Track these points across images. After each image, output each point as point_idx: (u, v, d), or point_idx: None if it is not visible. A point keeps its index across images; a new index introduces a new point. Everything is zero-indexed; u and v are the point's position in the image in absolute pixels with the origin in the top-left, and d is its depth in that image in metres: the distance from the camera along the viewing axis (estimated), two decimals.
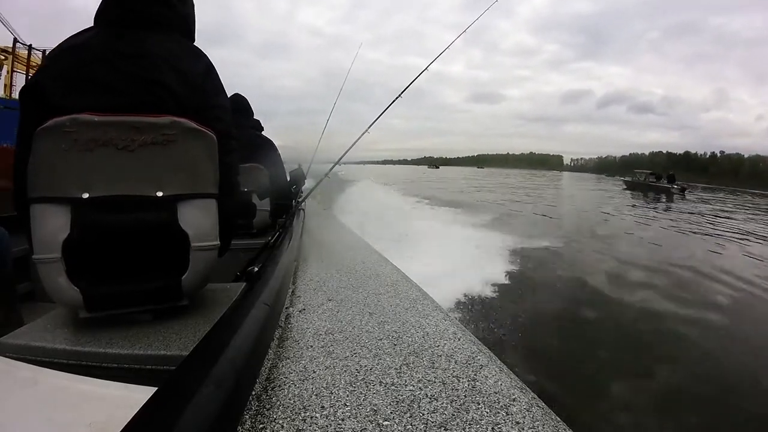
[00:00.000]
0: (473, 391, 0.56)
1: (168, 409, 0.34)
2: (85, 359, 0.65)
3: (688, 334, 3.68)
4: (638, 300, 4.56)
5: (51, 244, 0.68)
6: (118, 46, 0.75)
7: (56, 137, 0.68)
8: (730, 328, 3.93)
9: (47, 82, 0.72)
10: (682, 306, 4.42)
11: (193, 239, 0.76)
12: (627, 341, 3.48)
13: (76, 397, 0.44)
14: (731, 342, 3.61)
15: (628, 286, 5.09)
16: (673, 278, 5.56)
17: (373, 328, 0.78)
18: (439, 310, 0.91)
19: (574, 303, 4.28)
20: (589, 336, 3.56)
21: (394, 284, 1.10)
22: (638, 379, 2.90)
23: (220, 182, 0.82)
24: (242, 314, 0.59)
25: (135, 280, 0.73)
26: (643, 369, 3.03)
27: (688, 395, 2.73)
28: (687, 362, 3.19)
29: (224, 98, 0.88)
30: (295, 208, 2.19)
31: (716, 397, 2.68)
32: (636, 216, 12.93)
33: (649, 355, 3.25)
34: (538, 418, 0.51)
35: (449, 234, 6.99)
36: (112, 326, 0.73)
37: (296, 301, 0.93)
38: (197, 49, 0.86)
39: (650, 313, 4.16)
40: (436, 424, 0.48)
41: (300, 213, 2.30)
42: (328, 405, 0.51)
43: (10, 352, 0.65)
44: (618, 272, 5.71)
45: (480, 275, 4.49)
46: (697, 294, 4.99)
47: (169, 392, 0.37)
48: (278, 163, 2.24)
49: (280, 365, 0.62)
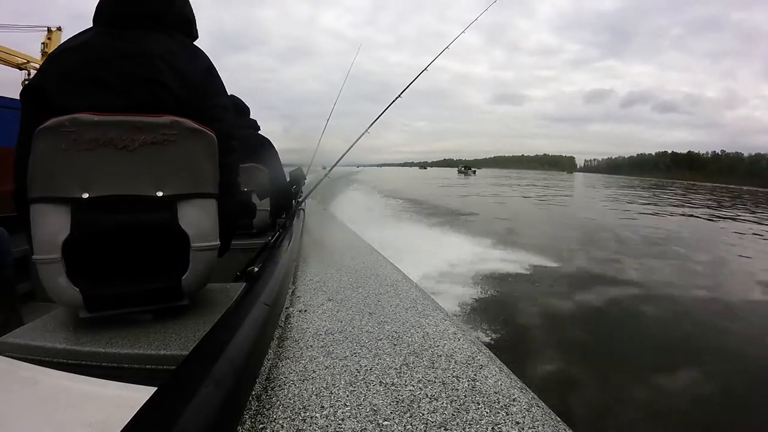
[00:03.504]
0: (473, 391, 0.56)
1: (168, 409, 0.34)
2: (85, 359, 0.65)
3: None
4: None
5: (51, 244, 0.68)
6: (118, 45, 0.75)
7: (56, 137, 0.68)
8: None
9: (48, 82, 0.72)
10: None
11: (193, 239, 0.76)
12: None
13: (76, 396, 0.44)
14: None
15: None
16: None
17: (373, 328, 0.78)
18: (439, 310, 0.91)
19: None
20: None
21: (394, 284, 1.10)
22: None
23: (220, 182, 0.82)
24: (242, 314, 0.60)
25: (135, 280, 0.73)
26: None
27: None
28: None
29: (225, 98, 0.87)
30: (295, 208, 2.20)
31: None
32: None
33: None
34: (538, 418, 0.51)
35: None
36: (112, 326, 0.73)
37: (296, 301, 0.93)
38: (197, 48, 0.86)
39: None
40: (436, 424, 0.48)
41: (300, 213, 2.30)
42: (328, 405, 0.51)
43: (10, 352, 0.65)
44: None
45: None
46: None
47: (169, 392, 0.37)
48: (277, 162, 2.24)
49: (280, 365, 0.62)
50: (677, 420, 2.64)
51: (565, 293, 4.91)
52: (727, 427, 2.59)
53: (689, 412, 2.70)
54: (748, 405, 2.80)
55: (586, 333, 3.85)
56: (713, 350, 3.55)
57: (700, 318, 4.37)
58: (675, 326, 4.10)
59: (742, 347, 3.65)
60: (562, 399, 2.63)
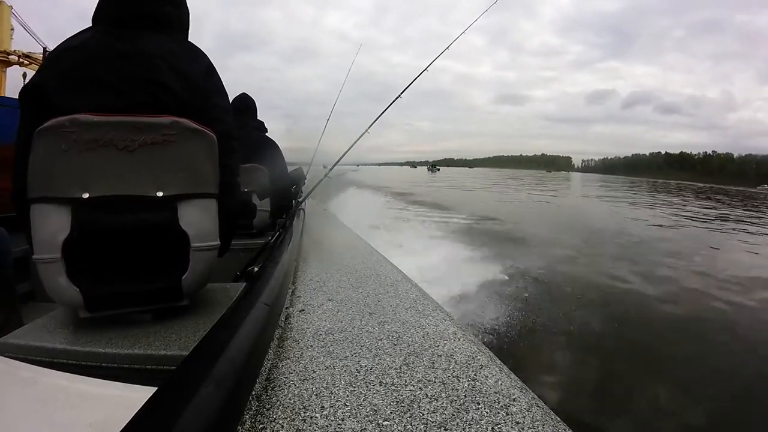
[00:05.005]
0: (473, 391, 0.56)
1: (168, 409, 0.34)
2: (85, 359, 0.65)
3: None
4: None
5: (51, 244, 0.68)
6: (117, 46, 0.75)
7: (56, 137, 0.68)
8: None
9: (47, 82, 0.72)
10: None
11: (194, 239, 0.76)
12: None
13: (76, 397, 0.44)
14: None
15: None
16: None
17: (373, 328, 0.78)
18: (439, 310, 0.91)
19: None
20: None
21: (394, 284, 1.10)
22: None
23: (221, 182, 0.82)
24: (242, 314, 0.59)
25: (135, 280, 0.73)
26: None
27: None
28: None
29: (225, 99, 0.87)
30: (295, 208, 2.20)
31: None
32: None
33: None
34: (538, 418, 0.51)
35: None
36: (112, 326, 0.73)
37: (296, 301, 0.93)
38: (197, 48, 0.86)
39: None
40: (436, 424, 0.48)
41: (300, 213, 2.30)
42: (328, 405, 0.51)
43: (10, 352, 0.65)
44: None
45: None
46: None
47: (169, 392, 0.37)
48: (280, 163, 2.24)
49: (280, 365, 0.62)
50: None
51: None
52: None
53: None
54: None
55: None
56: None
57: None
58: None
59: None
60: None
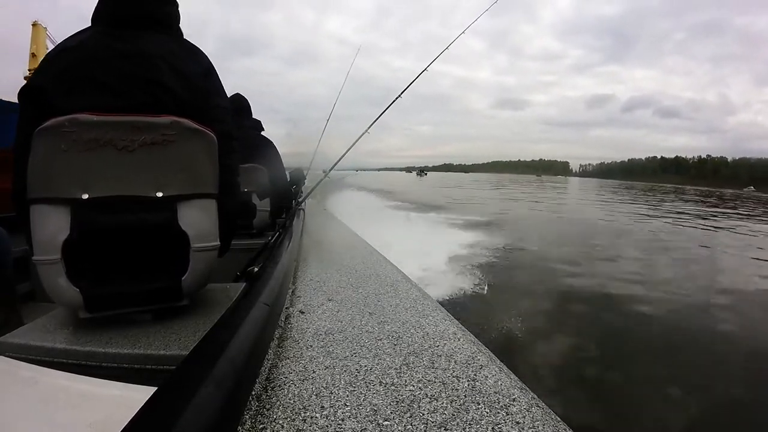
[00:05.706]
0: (473, 391, 0.56)
1: (168, 409, 0.34)
2: (85, 359, 0.65)
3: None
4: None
5: (51, 244, 0.68)
6: (116, 46, 0.75)
7: (56, 137, 0.68)
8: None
9: (46, 82, 0.72)
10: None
11: (193, 240, 0.76)
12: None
13: (76, 397, 0.44)
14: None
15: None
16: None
17: (373, 328, 0.78)
18: (439, 310, 0.91)
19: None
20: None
21: (394, 284, 1.10)
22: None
23: (220, 182, 0.82)
24: (242, 314, 0.59)
25: (135, 280, 0.73)
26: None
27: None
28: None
29: (224, 99, 0.87)
30: (295, 208, 2.19)
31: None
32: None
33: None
34: (538, 418, 0.51)
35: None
36: (112, 326, 0.73)
37: (296, 301, 0.93)
38: (198, 49, 0.86)
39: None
40: (436, 424, 0.48)
41: (300, 213, 2.30)
42: (328, 405, 0.51)
43: (10, 352, 0.65)
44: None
45: None
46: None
47: (169, 392, 0.37)
48: (278, 163, 2.24)
49: (280, 365, 0.62)
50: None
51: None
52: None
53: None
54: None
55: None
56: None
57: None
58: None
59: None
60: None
